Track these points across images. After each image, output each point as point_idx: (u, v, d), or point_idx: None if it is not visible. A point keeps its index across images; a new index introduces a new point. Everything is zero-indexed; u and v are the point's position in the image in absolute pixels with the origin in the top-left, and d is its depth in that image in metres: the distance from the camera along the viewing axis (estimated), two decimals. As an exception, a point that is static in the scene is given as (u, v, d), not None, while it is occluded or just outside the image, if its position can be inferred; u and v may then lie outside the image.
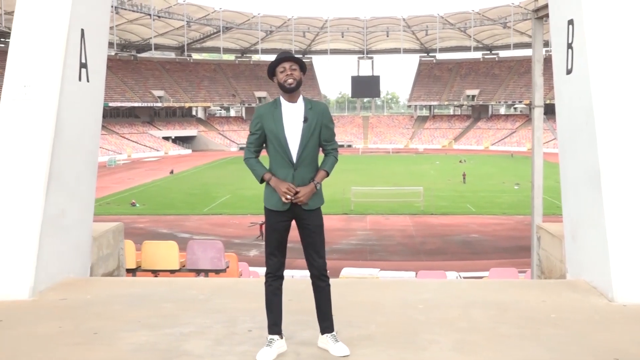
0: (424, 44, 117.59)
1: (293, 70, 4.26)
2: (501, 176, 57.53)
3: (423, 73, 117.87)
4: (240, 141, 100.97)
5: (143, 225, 34.95)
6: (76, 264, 6.61)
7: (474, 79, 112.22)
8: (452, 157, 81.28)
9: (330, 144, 4.38)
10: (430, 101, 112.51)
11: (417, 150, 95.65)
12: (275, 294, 4.29)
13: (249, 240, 31.47)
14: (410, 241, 31.13)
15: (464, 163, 71.27)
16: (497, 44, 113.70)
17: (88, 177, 6.88)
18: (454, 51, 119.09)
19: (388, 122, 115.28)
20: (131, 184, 53.80)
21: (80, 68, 6.42)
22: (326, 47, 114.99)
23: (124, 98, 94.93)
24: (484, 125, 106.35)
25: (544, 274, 7.54)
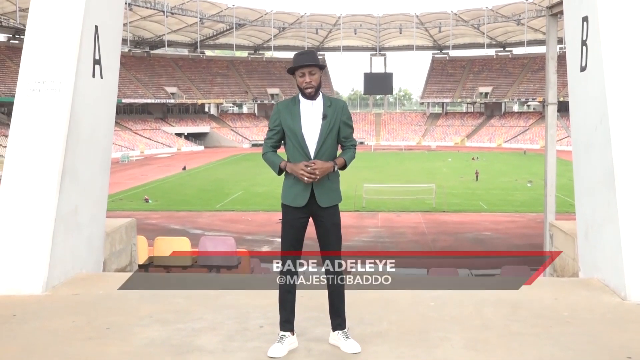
0: (437, 41, 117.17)
1: (312, 75, 4.27)
2: (514, 174, 57.27)
3: (436, 70, 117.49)
4: (253, 138, 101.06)
5: (156, 221, 35.07)
6: (89, 260, 6.64)
7: (487, 76, 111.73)
8: (464, 154, 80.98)
9: (348, 141, 4.39)
10: (443, 98, 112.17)
11: (430, 148, 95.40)
12: (289, 291, 4.28)
13: (261, 236, 31.51)
14: (422, 238, 31.05)
15: (476, 160, 70.98)
16: (510, 41, 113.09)
17: (101, 173, 6.91)
18: (467, 48, 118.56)
19: (400, 119, 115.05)
20: (144, 180, 53.99)
21: (94, 64, 6.44)
22: (339, 43, 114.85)
23: (137, 94, 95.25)
24: (496, 123, 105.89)
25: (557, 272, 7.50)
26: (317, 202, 4.23)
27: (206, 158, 77.47)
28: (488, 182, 51.65)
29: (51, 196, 5.87)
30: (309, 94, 4.26)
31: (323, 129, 4.24)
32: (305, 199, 4.23)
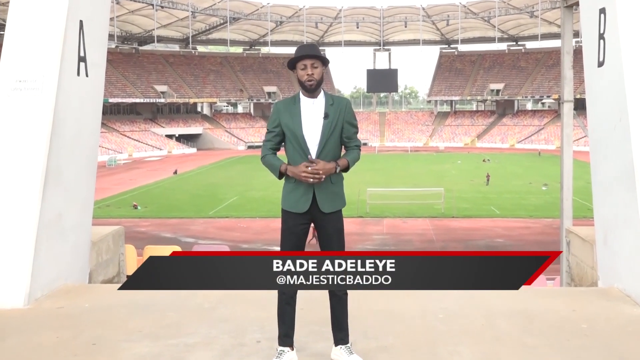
0: (445, 35, 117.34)
1: (314, 68, 4.26)
2: (528, 176, 57.26)
3: (444, 66, 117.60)
4: (249, 139, 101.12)
5: (145, 229, 35.06)
6: (74, 270, 6.64)
7: (499, 72, 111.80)
8: (475, 155, 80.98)
9: (352, 141, 4.39)
10: (452, 96, 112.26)
11: (438, 149, 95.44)
12: (288, 303, 4.28)
13: (258, 244, 31.50)
14: (430, 246, 31.02)
15: (487, 162, 70.99)
16: (523, 35, 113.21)
17: (87, 177, 6.91)
18: (477, 42, 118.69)
19: (406, 119, 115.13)
20: (132, 185, 54.01)
21: (79, 62, 6.45)
22: (340, 38, 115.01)
23: (125, 94, 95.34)
24: (509, 122, 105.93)
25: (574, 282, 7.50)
26: (320, 207, 4.23)
27: (199, 161, 77.50)
28: (500, 185, 51.63)
29: (33, 202, 5.87)
30: (310, 86, 4.25)
31: (325, 129, 4.24)
32: (307, 204, 4.23)
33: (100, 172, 61.92)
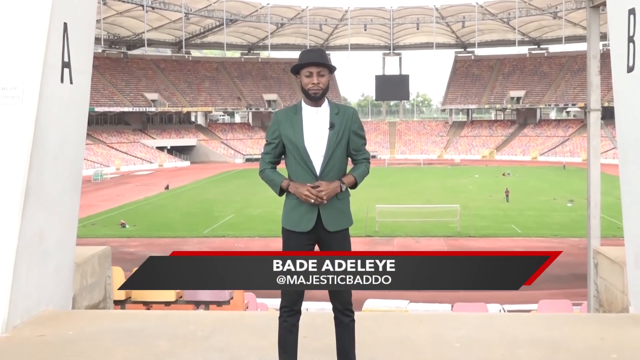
0: (461, 38, 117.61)
1: (321, 77, 4.25)
2: (552, 192, 57.16)
3: (459, 71, 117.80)
4: (247, 151, 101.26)
5: (134, 250, 35.04)
6: (56, 295, 6.63)
7: (519, 78, 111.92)
8: (493, 169, 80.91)
9: (360, 154, 4.37)
10: (468, 104, 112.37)
11: (453, 162, 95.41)
12: (290, 331, 4.27)
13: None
14: (445, 268, 30.91)
15: (507, 176, 70.91)
16: (546, 37, 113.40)
17: (71, 193, 6.92)
18: (495, 46, 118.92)
19: (419, 129, 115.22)
20: (120, 202, 54.03)
21: (63, 68, 6.46)
22: (346, 41, 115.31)
23: (113, 102, 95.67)
24: (531, 132, 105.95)
25: (603, 307, 7.47)
26: (325, 226, 4.22)
27: (192, 175, 77.55)
28: (521, 201, 51.53)
29: (12, 220, 5.86)
30: (315, 95, 4.24)
31: (330, 140, 4.23)
32: (310, 223, 4.22)
33: (85, 187, 61.85)
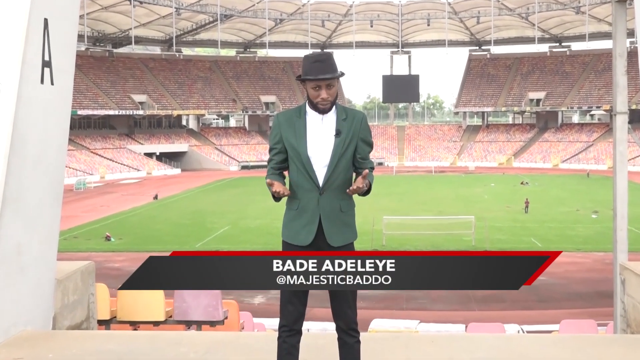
0: (475, 35, 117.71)
1: (330, 89, 4.22)
2: (575, 202, 57.11)
3: (474, 71, 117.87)
4: (243, 158, 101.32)
5: (120, 265, 35.02)
6: (36, 314, 6.63)
7: (539, 78, 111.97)
8: (511, 177, 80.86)
9: (366, 162, 4.34)
10: (483, 107, 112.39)
11: (467, 169, 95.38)
12: (290, 353, 4.26)
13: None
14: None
15: (526, 185, 70.87)
16: (568, 34, 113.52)
17: (51, 203, 6.92)
18: (513, 43, 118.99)
19: (430, 134, 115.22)
20: (105, 213, 54.03)
21: (43, 67, 6.47)
22: (351, 39, 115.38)
23: (97, 105, 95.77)
24: (552, 137, 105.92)
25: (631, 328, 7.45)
26: (327, 240, 4.20)
27: (183, 184, 77.55)
28: (542, 212, 51.48)
29: (-12, 233, 5.86)
30: (323, 108, 4.22)
31: (336, 148, 4.21)
32: (310, 236, 4.21)
33: (67, 197, 61.81)
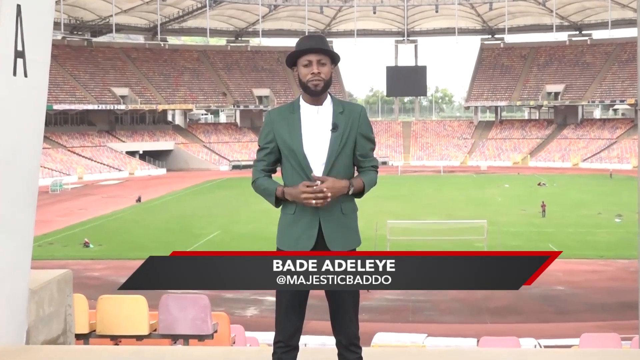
0: (488, 22, 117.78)
1: (321, 66, 4.23)
2: (596, 205, 57.13)
3: (486, 62, 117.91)
4: (234, 157, 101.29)
5: (99, 274, 35.03)
6: (8, 327, 6.62)
7: (558, 69, 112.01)
8: (527, 178, 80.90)
9: (367, 160, 4.35)
10: (497, 101, 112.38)
11: (479, 169, 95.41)
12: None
13: (246, 294, 31.40)
14: (470, 295, 30.92)
15: (543, 187, 70.91)
16: (589, 22, 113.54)
17: (25, 206, 6.92)
18: (529, 31, 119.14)
19: (438, 130, 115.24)
20: (83, 217, 54.01)
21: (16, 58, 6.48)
22: (352, 26, 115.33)
23: (74, 99, 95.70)
24: (571, 134, 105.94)
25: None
26: (328, 246, 4.21)
27: (169, 185, 77.55)
28: (560, 216, 51.51)
29: (-44, 239, 5.86)
30: (315, 87, 4.22)
31: (333, 144, 4.21)
32: (310, 242, 4.21)
33: (42, 199, 61.84)
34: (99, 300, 10.45)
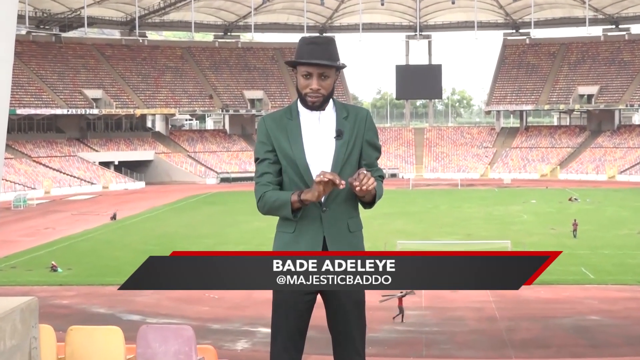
0: (511, 15, 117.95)
1: (323, 79, 4.22)
2: (636, 223, 57.09)
3: (510, 60, 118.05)
4: (222, 168, 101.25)
5: (69, 302, 34.96)
6: (-36, 363, 6.62)
7: (591, 69, 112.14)
8: (556, 192, 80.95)
9: (374, 170, 4.35)
10: (522, 104, 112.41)
11: (501, 183, 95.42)
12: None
13: (236, 324, 31.39)
14: (492, 327, 30.89)
15: (575, 202, 70.89)
16: (627, 14, 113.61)
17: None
18: (558, 25, 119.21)
19: (455, 138, 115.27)
20: (51, 237, 53.94)
21: (-26, 55, 6.49)
22: (357, 20, 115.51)
23: (41, 102, 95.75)
24: (607, 142, 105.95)
25: None
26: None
27: (149, 201, 77.59)
28: (594, 236, 51.48)
29: None
30: (313, 104, 4.23)
31: (338, 153, 4.23)
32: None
33: (4, 216, 61.78)
34: (68, 332, 10.45)
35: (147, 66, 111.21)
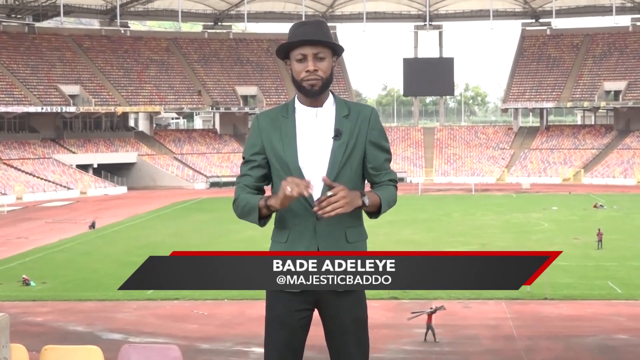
0: (530, 3, 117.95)
1: (319, 60, 4.23)
2: (667, 232, 57.14)
3: (529, 53, 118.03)
4: (212, 171, 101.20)
5: (43, 319, 34.94)
6: None
7: (618, 62, 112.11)
8: (580, 198, 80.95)
9: (383, 174, 4.38)
10: (542, 102, 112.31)
11: (520, 187, 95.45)
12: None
13: (227, 343, 31.38)
14: (509, 346, 30.89)
15: (601, 209, 70.84)
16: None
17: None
18: (582, 14, 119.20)
19: (468, 138, 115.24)
20: (23, 247, 53.93)
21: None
22: (359, 9, 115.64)
23: (12, 99, 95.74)
24: (635, 143, 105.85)
25: None
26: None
27: (131, 207, 77.59)
28: (622, 247, 51.47)
29: None
30: (311, 88, 4.22)
31: (335, 155, 4.23)
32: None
33: (-29, 225, 61.84)
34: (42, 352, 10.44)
35: (130, 59, 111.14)
